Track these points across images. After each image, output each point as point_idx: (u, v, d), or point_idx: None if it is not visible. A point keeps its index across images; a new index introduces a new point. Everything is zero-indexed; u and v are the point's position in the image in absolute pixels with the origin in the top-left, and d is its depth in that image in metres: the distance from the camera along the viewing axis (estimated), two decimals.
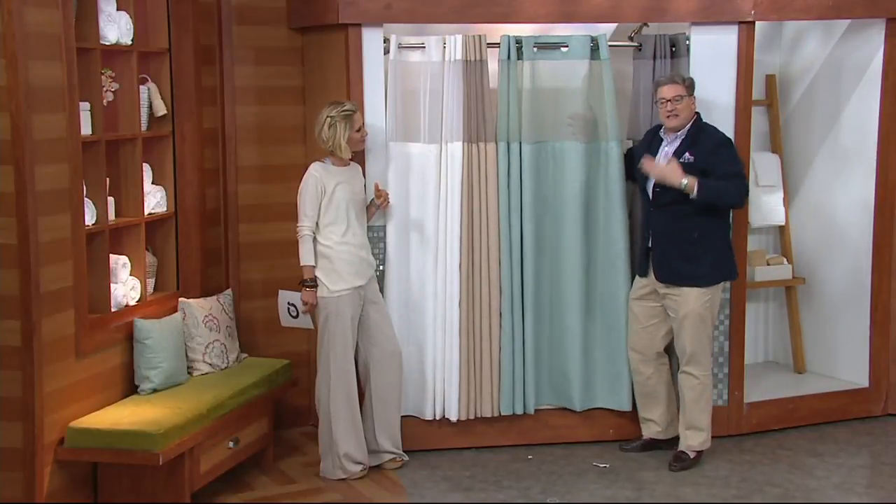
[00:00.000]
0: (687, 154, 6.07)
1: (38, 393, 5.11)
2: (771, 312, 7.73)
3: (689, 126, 6.13)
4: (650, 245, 6.23)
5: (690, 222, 6.07)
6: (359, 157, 6.20)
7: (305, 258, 5.96)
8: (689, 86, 6.11)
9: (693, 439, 6.29)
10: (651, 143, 6.27)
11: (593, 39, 6.32)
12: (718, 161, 6.03)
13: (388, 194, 6.25)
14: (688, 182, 5.94)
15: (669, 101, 6.06)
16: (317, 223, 5.97)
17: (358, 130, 6.02)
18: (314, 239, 5.97)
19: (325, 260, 5.99)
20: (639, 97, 6.57)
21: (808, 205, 7.41)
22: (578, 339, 6.50)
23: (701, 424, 6.28)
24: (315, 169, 6.00)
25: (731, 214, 6.30)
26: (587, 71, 6.33)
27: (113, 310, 5.80)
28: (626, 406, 6.56)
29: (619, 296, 6.47)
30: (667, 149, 6.16)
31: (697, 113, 6.17)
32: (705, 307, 6.15)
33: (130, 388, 5.84)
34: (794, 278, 7.45)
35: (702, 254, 6.11)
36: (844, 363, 7.23)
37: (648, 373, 6.41)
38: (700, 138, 6.10)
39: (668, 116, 6.09)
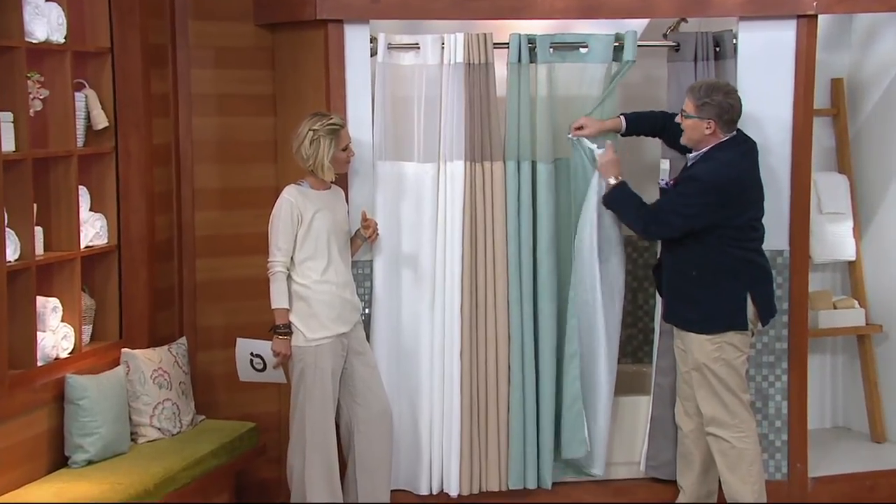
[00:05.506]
0: (670, 180, 5.91)
1: None
2: (840, 367, 7.26)
3: (705, 149, 5.68)
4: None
5: (689, 258, 5.78)
6: (341, 180, 5.93)
7: (278, 300, 5.65)
8: (703, 106, 5.59)
9: None
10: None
11: (619, 38, 5.97)
12: (673, 191, 5.81)
13: (377, 224, 5.96)
14: (615, 183, 5.93)
15: (680, 112, 5.73)
16: (291, 258, 5.68)
17: (344, 149, 5.77)
18: (288, 277, 5.68)
19: (301, 302, 5.67)
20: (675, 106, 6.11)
21: (885, 236, 6.96)
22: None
23: (744, 497, 5.74)
24: (290, 193, 5.71)
25: (756, 252, 5.80)
26: (610, 75, 6.01)
27: (39, 364, 5.49)
28: (662, 475, 6.15)
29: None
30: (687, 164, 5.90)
31: (726, 140, 5.66)
32: (713, 359, 5.70)
33: (60, 460, 5.51)
34: (869, 325, 6.97)
35: (700, 296, 5.74)
36: None
37: (687, 429, 5.96)
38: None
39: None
